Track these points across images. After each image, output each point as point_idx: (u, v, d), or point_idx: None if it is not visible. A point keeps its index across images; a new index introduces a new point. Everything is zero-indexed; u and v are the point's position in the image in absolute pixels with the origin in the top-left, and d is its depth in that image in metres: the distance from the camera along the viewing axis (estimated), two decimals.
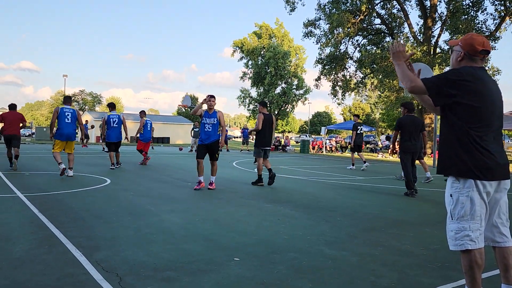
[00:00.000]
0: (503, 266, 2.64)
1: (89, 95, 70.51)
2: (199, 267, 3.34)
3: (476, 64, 2.64)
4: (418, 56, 22.52)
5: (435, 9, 25.17)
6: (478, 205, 2.51)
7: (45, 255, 3.51)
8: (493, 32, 23.79)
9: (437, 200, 7.59)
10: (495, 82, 2.67)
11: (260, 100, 9.03)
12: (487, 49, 2.62)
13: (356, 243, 4.29)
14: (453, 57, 2.73)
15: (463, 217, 2.52)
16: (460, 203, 2.54)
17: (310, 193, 7.96)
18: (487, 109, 2.52)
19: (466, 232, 2.50)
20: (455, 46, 2.71)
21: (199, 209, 5.91)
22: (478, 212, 2.51)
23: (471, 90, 2.50)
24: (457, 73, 2.54)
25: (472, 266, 2.51)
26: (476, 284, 2.52)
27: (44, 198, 6.29)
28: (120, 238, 4.17)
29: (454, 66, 2.72)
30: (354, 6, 26.23)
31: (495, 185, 2.55)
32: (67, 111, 9.39)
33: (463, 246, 2.51)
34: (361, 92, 32.06)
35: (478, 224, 2.51)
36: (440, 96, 2.57)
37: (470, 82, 2.50)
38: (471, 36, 2.66)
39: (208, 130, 8.01)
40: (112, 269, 3.20)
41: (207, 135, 8.01)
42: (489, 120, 2.52)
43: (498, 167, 2.52)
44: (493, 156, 2.51)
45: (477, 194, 2.50)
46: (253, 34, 54.06)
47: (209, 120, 7.99)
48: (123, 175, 9.90)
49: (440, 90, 2.55)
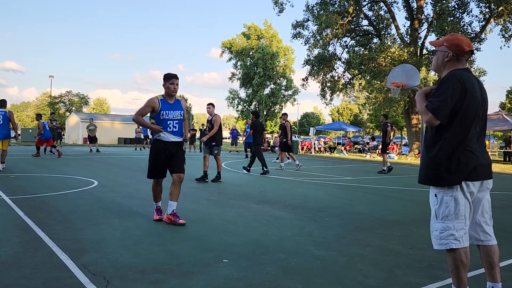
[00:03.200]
0: (487, 264, 2.67)
1: (76, 96, 69.75)
2: (187, 269, 3.32)
3: (462, 65, 2.65)
4: (405, 57, 22.74)
5: (422, 11, 25.44)
6: (463, 205, 2.54)
7: (31, 259, 3.46)
8: (478, 34, 24.14)
9: (423, 200, 7.67)
10: (480, 82, 2.68)
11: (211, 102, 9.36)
12: (472, 49, 2.66)
13: (344, 243, 4.32)
14: (439, 57, 2.70)
15: (447, 216, 2.55)
16: (445, 203, 2.56)
17: (298, 193, 7.98)
18: (471, 111, 2.52)
19: (450, 231, 2.53)
20: (440, 46, 2.69)
21: (187, 210, 5.88)
22: (462, 212, 2.53)
23: (462, 95, 2.50)
24: (458, 87, 2.48)
25: (458, 265, 2.54)
26: (462, 283, 2.55)
27: (30, 201, 6.20)
28: (107, 240, 4.13)
29: (440, 67, 2.71)
30: (342, 7, 26.38)
31: (478, 184, 2.58)
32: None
33: (447, 245, 2.54)
34: (349, 93, 32.23)
35: (463, 223, 2.54)
36: (447, 115, 2.53)
37: (466, 88, 2.50)
38: (456, 37, 2.66)
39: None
40: (99, 272, 3.17)
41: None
42: (473, 121, 2.53)
43: (481, 167, 2.55)
44: (476, 157, 2.54)
45: (461, 194, 2.53)
46: (241, 35, 54.06)
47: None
48: (110, 177, 9.81)
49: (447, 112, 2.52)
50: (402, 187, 9.63)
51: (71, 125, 46.52)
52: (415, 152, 24.50)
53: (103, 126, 40.24)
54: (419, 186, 9.85)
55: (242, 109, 54.09)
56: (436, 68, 2.77)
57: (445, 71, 2.67)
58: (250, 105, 53.63)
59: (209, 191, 7.83)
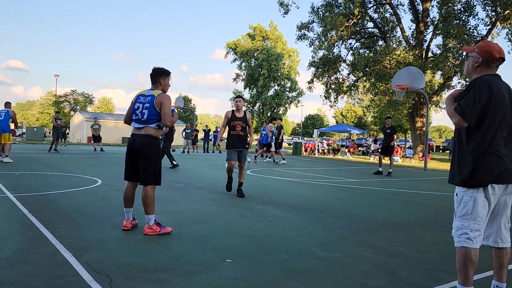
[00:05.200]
0: (497, 264, 2.76)
1: (80, 95, 70.01)
2: (190, 269, 3.32)
3: (492, 71, 2.71)
4: (410, 60, 22.67)
5: (427, 13, 25.38)
6: (481, 207, 2.58)
7: (34, 256, 3.47)
8: (484, 37, 24.02)
9: (427, 203, 7.64)
10: (510, 88, 2.73)
11: (240, 94, 8.99)
12: (503, 56, 2.70)
13: (347, 244, 4.31)
14: (469, 63, 2.78)
15: (464, 216, 2.62)
16: (464, 202, 2.63)
17: (302, 194, 7.97)
18: (498, 115, 2.58)
19: (465, 230, 2.60)
20: (471, 52, 2.77)
21: (190, 210, 5.89)
22: (480, 213, 2.58)
23: (489, 99, 2.56)
24: (485, 91, 2.56)
25: (466, 263, 2.59)
26: (468, 281, 2.61)
27: (34, 199, 6.22)
28: (111, 239, 4.14)
29: (470, 72, 2.79)
30: (347, 9, 26.35)
31: (502, 188, 2.63)
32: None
33: (460, 243, 2.62)
34: (354, 95, 32.16)
35: (479, 225, 2.59)
36: (475, 118, 2.60)
37: (493, 93, 2.56)
38: (487, 44, 2.73)
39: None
40: (102, 270, 3.18)
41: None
42: (499, 125, 2.59)
43: (508, 172, 2.60)
44: (503, 161, 2.59)
45: (482, 195, 2.58)
46: (246, 36, 54.13)
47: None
48: (114, 176, 9.84)
49: (476, 115, 2.59)
50: (406, 189, 9.59)
51: (75, 124, 46.70)
52: (419, 155, 24.41)
53: (107, 126, 40.35)
54: (423, 189, 9.82)
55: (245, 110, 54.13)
56: (467, 73, 2.85)
57: (474, 76, 2.74)
58: (254, 106, 53.67)
59: (212, 192, 7.84)
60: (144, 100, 4.58)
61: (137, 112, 4.57)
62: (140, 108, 4.57)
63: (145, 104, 4.55)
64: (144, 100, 4.59)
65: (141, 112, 4.54)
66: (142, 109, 4.54)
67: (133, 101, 4.67)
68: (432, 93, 25.61)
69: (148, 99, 4.55)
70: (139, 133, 4.54)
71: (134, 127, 4.59)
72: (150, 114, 4.50)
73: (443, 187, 10.59)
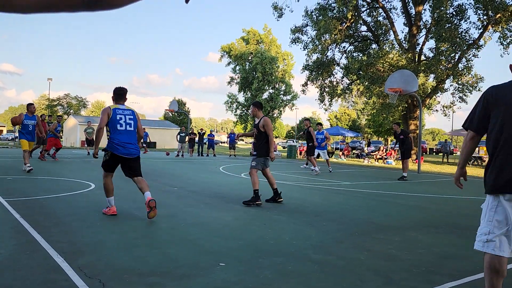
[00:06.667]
0: None
1: (74, 98, 69.71)
2: (184, 272, 3.30)
3: None
4: (403, 63, 22.82)
5: (420, 17, 25.58)
6: (501, 214, 2.55)
7: (27, 261, 3.43)
8: (476, 41, 24.26)
9: (422, 206, 7.67)
10: None
11: (254, 101, 7.91)
12: None
13: (342, 247, 4.30)
14: None
15: (486, 220, 2.63)
16: (487, 207, 2.65)
17: (296, 197, 7.96)
18: (507, 121, 2.54)
19: (485, 235, 2.60)
20: None
21: (185, 213, 5.86)
22: (501, 220, 2.54)
23: (491, 106, 2.59)
24: (485, 99, 2.63)
25: (488, 270, 2.57)
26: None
27: (27, 203, 6.17)
28: (104, 243, 4.10)
29: None
30: (341, 13, 26.50)
31: None
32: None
33: (477, 245, 2.63)
34: (348, 98, 32.30)
35: (500, 231, 2.54)
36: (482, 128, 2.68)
37: (497, 99, 2.57)
38: None
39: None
40: (95, 275, 3.14)
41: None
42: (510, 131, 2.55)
43: None
44: None
45: (505, 203, 2.54)
46: (240, 40, 54.21)
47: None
48: None
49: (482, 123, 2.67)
50: (400, 192, 9.62)
51: (69, 128, 46.43)
52: (413, 158, 24.53)
53: None
54: (417, 192, 9.85)
55: (240, 113, 54.16)
56: None
57: None
58: (248, 109, 53.69)
59: (207, 195, 7.81)
60: (127, 113, 5.57)
61: (121, 122, 5.45)
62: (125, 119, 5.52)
63: (129, 116, 5.52)
64: (127, 113, 5.57)
65: (128, 124, 5.50)
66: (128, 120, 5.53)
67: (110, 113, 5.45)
68: (425, 96, 25.77)
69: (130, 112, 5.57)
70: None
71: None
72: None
73: (437, 189, 10.64)
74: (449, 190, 10.63)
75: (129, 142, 5.50)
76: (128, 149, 5.47)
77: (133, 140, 5.57)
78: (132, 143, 5.53)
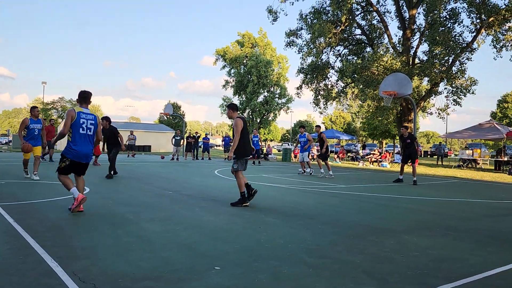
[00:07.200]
0: None
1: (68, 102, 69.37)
2: (179, 276, 3.29)
3: None
4: (398, 67, 22.94)
5: (414, 20, 25.76)
6: None
7: (20, 265, 3.41)
8: (469, 44, 24.45)
9: (416, 208, 7.69)
10: None
11: (230, 104, 7.76)
12: None
13: (337, 250, 4.31)
14: None
15: None
16: None
17: (291, 201, 7.96)
18: None
19: None
20: None
21: (179, 217, 5.84)
22: None
23: None
24: None
25: None
26: None
27: (20, 207, 6.12)
28: (98, 247, 4.08)
29: None
30: (335, 16, 26.63)
31: None
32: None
33: None
34: (343, 101, 32.41)
35: None
36: None
37: None
38: None
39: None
40: (89, 280, 3.12)
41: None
42: None
43: None
44: None
45: None
46: (235, 43, 54.28)
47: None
48: (102, 183, 9.74)
49: None
50: (395, 195, 9.65)
51: None
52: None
53: None
54: (412, 194, 9.88)
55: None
56: None
57: None
58: (243, 113, 53.72)
59: (202, 198, 7.79)
60: (90, 118, 5.93)
61: (84, 126, 5.84)
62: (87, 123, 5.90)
63: (90, 121, 5.92)
64: (89, 118, 5.92)
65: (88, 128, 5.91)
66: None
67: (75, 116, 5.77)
68: (419, 99, 25.91)
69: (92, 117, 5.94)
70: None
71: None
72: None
73: (431, 192, 10.68)
74: (443, 192, 10.68)
75: (88, 147, 5.94)
76: (86, 156, 5.96)
77: (91, 144, 6.01)
78: (90, 147, 5.97)
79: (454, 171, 20.92)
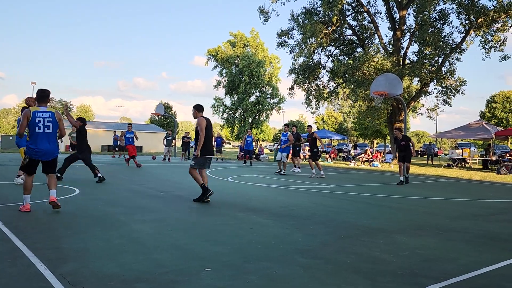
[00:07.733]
0: None
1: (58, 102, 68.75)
2: (170, 278, 3.27)
3: None
4: (388, 67, 23.08)
5: (404, 21, 25.94)
6: None
7: (8, 269, 3.36)
8: (458, 44, 24.70)
9: (407, 208, 7.74)
10: None
11: (196, 104, 7.83)
12: None
13: (329, 251, 4.31)
14: None
15: None
16: None
17: (283, 201, 7.97)
18: None
19: None
20: None
21: (171, 218, 5.81)
22: None
23: None
24: None
25: None
26: None
27: (9, 210, 6.05)
28: (89, 249, 4.04)
29: None
30: (326, 17, 26.72)
31: None
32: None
33: None
34: (334, 101, 32.56)
35: None
36: None
37: None
38: None
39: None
40: (78, 283, 3.09)
41: None
42: None
43: None
44: None
45: None
46: (227, 43, 54.22)
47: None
48: (92, 185, 9.66)
49: None
50: (386, 195, 9.71)
51: None
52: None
53: None
54: (403, 194, 9.95)
55: (227, 116, 54.07)
56: None
57: None
58: (235, 113, 53.68)
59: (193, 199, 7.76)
60: (47, 115, 5.95)
61: (40, 125, 5.84)
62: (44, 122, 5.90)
63: (47, 119, 5.92)
64: (46, 115, 5.94)
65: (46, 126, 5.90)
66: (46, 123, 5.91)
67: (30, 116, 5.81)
68: (409, 99, 26.12)
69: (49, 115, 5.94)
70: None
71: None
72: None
73: (422, 191, 10.76)
74: (434, 192, 10.77)
75: (47, 144, 5.92)
76: (46, 154, 5.94)
77: (51, 141, 5.99)
78: (50, 144, 5.96)
79: (444, 171, 21.11)
